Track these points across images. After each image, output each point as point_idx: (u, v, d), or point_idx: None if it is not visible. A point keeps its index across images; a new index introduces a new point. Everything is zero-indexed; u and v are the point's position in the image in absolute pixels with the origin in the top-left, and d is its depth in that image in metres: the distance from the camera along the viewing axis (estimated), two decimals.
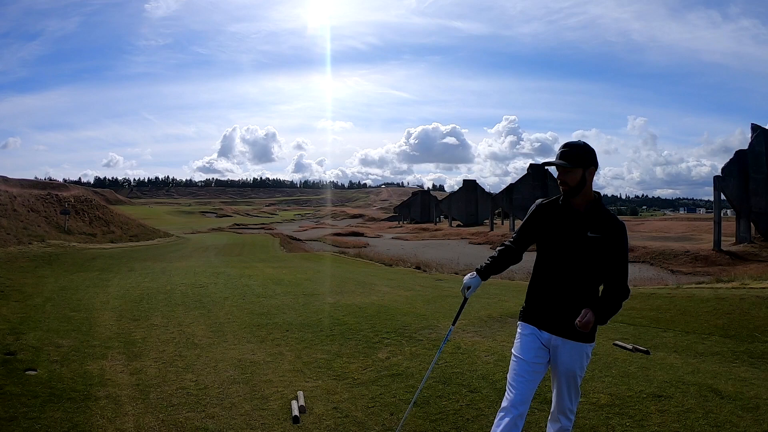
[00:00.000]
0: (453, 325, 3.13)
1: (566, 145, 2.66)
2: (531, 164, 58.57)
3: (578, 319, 2.52)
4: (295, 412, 3.82)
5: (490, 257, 2.94)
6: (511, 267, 2.95)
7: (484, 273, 2.92)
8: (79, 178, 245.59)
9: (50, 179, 79.57)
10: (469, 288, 2.93)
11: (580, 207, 2.67)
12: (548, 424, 2.82)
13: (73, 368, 4.90)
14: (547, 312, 2.70)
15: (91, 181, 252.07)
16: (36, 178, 57.76)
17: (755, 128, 35.89)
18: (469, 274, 2.96)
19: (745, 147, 35.06)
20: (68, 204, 34.20)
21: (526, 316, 2.79)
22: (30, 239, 22.01)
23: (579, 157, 2.61)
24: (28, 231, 24.16)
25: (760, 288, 9.01)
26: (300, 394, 4.21)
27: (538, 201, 2.85)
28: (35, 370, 4.76)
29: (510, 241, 2.91)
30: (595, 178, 2.65)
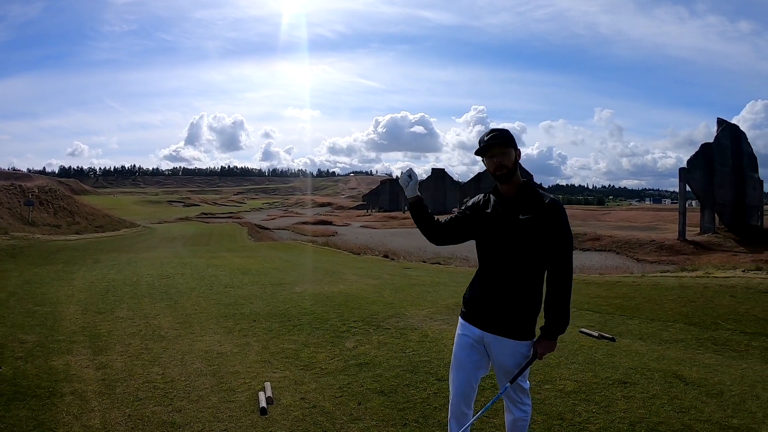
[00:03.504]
0: (510, 383, 2.60)
1: (493, 130, 2.55)
2: None
3: (537, 357, 2.56)
4: (263, 404, 3.78)
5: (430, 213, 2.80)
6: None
7: (418, 201, 2.76)
8: (44, 168, 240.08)
9: (14, 169, 77.42)
10: (409, 180, 2.74)
11: (510, 193, 2.58)
12: (505, 415, 2.75)
13: (38, 364, 4.77)
14: (479, 308, 2.62)
15: (56, 170, 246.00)
16: None
17: (721, 122, 36.88)
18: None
19: (710, 140, 35.93)
20: (32, 195, 33.33)
21: (462, 313, 2.72)
22: None
23: (510, 138, 2.53)
24: None
25: (724, 277, 9.28)
26: (267, 385, 4.17)
27: (469, 199, 2.79)
28: None
29: (443, 220, 2.80)
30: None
